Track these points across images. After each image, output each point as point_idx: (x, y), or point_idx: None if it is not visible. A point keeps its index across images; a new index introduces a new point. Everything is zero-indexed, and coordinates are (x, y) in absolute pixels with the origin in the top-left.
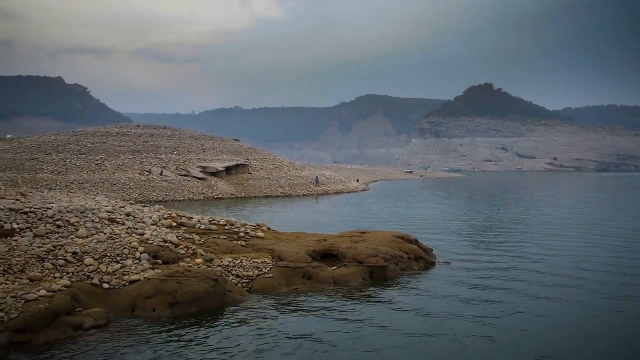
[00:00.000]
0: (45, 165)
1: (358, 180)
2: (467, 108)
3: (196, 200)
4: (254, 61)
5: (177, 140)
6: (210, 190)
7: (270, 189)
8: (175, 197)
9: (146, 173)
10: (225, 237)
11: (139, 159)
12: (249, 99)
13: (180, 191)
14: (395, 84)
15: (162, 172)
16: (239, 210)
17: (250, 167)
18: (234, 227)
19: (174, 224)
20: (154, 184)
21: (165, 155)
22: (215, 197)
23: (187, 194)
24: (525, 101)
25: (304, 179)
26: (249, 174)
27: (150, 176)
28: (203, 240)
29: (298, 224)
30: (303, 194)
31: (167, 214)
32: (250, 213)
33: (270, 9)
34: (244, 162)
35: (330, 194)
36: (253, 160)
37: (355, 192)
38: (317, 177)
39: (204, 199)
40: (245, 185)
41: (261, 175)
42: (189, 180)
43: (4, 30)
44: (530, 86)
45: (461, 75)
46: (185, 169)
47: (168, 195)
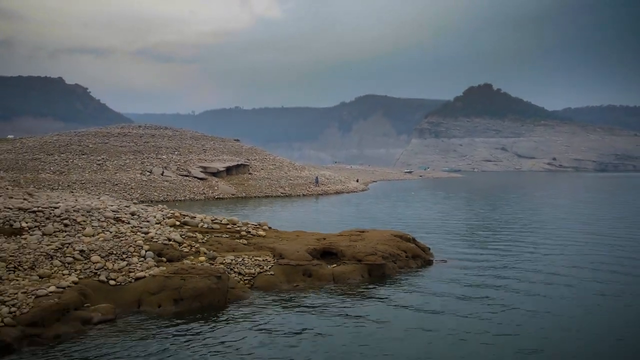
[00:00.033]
0: (47, 165)
1: (358, 181)
2: (467, 108)
3: (197, 200)
4: (254, 61)
5: (178, 140)
6: (211, 191)
7: (271, 189)
8: (176, 197)
9: (147, 173)
10: (228, 236)
11: (141, 160)
12: (249, 99)
13: (181, 191)
14: (395, 84)
15: (164, 173)
16: (240, 210)
17: (250, 168)
18: (236, 226)
19: (178, 223)
20: (156, 184)
21: (166, 156)
22: (216, 197)
23: (188, 194)
24: (524, 101)
25: (304, 179)
26: (250, 174)
27: (151, 176)
28: (206, 238)
29: (298, 224)
30: (303, 194)
31: (171, 213)
32: (251, 213)
33: (270, 9)
34: (245, 163)
35: (330, 194)
36: (253, 161)
37: (354, 192)
38: (317, 177)
39: (204, 199)
40: (245, 185)
41: (261, 176)
42: (190, 181)
43: (4, 30)
44: (530, 86)
45: (461, 76)
46: (186, 169)
47: (169, 195)
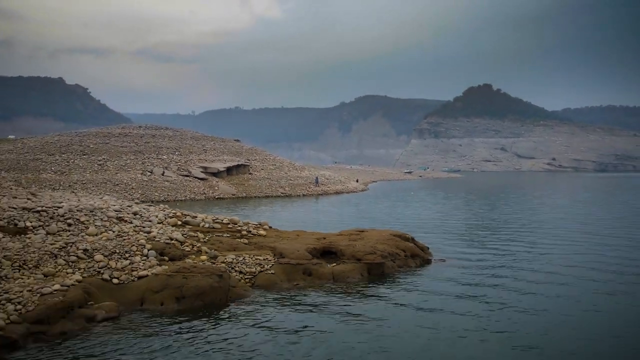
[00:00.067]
0: (48, 165)
1: (357, 181)
2: (467, 109)
3: (198, 200)
4: (254, 61)
5: (179, 141)
6: (211, 191)
7: (271, 189)
8: (177, 197)
9: (148, 173)
10: (229, 235)
11: (141, 160)
12: (249, 99)
13: (182, 191)
14: (395, 84)
15: (164, 173)
16: (240, 210)
17: (250, 168)
18: (236, 226)
19: (179, 223)
20: (156, 184)
21: (167, 156)
22: (216, 197)
23: (189, 194)
24: (524, 102)
25: (304, 179)
26: (250, 174)
27: (152, 177)
28: (207, 238)
29: (298, 223)
30: (303, 194)
31: (173, 213)
32: (252, 212)
33: (270, 9)
34: (245, 163)
35: (330, 194)
36: (254, 161)
37: (354, 193)
38: (317, 178)
39: (205, 199)
40: (246, 185)
41: (262, 176)
42: (190, 181)
43: (4, 30)
44: (530, 86)
45: (461, 76)
46: (187, 170)
47: (170, 195)
